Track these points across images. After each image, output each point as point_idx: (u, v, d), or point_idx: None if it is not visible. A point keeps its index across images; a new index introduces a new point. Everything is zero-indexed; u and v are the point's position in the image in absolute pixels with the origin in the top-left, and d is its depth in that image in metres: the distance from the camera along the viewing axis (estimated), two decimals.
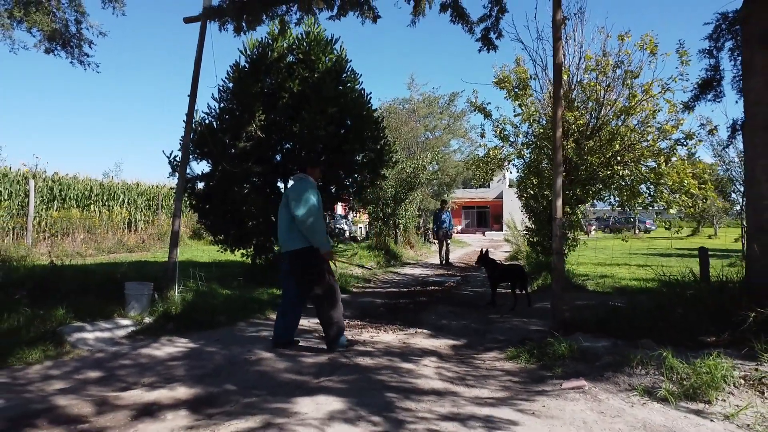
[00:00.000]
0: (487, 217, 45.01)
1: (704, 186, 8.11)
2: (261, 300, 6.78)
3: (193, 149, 8.22)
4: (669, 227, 9.02)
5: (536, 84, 8.77)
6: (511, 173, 18.80)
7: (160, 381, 3.70)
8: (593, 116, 8.21)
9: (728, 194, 22.00)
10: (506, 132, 9.54)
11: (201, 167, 22.72)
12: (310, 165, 4.93)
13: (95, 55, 14.15)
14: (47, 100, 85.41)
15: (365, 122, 8.91)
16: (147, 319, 5.38)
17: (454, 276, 10.93)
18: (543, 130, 8.59)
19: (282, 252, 4.75)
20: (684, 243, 22.89)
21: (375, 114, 9.42)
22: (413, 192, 16.15)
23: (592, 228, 36.77)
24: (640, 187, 8.54)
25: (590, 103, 8.21)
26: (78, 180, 15.49)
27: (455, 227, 39.09)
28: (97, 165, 78.35)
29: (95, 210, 15.20)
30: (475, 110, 9.86)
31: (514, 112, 9.26)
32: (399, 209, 15.94)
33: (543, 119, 8.74)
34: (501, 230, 34.69)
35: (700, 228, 31.32)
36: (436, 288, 9.16)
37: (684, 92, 7.39)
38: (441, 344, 4.98)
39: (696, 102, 6.53)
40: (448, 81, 68.55)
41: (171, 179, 8.86)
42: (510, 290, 7.18)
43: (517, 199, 10.80)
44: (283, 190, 9.16)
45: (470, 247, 23.06)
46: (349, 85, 8.97)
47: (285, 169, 8.98)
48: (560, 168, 5.00)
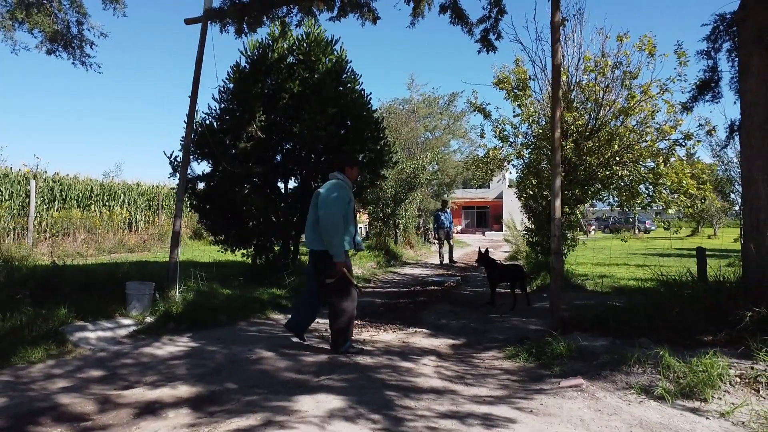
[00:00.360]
0: (487, 218, 45.05)
1: (703, 186, 8.15)
2: (262, 300, 6.81)
3: (194, 150, 8.25)
4: (668, 227, 9.04)
5: (535, 85, 8.81)
6: (511, 173, 18.84)
7: (162, 380, 3.73)
8: (592, 117, 8.24)
9: (727, 194, 22.04)
10: (506, 132, 9.58)
11: (202, 167, 22.77)
12: (349, 164, 4.60)
13: (96, 56, 14.15)
14: (48, 101, 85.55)
15: (365, 123, 8.95)
16: (148, 319, 5.41)
17: (454, 276, 10.96)
18: (542, 131, 8.62)
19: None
20: (683, 243, 22.90)
21: (375, 114, 9.46)
22: (413, 192, 16.18)
23: (592, 228, 36.81)
24: (639, 188, 8.58)
25: (589, 104, 8.24)
26: (78, 180, 15.53)
27: (455, 227, 39.22)
28: (98, 165, 78.43)
29: (96, 210, 15.24)
30: (475, 110, 9.89)
31: (514, 113, 9.30)
32: (399, 209, 15.98)
33: (542, 120, 8.77)
34: (501, 230, 34.73)
35: (700, 228, 31.32)
36: (436, 288, 9.19)
37: (682, 93, 7.42)
38: (440, 343, 5.01)
39: (694, 103, 6.55)
40: (448, 81, 68.62)
41: (171, 179, 8.90)
42: (509, 290, 7.21)
43: (517, 200, 10.83)
44: (283, 190, 9.21)
45: (470, 247, 23.08)
46: (349, 86, 9.01)
47: (285, 170, 9.02)
48: (559, 168, 5.03)
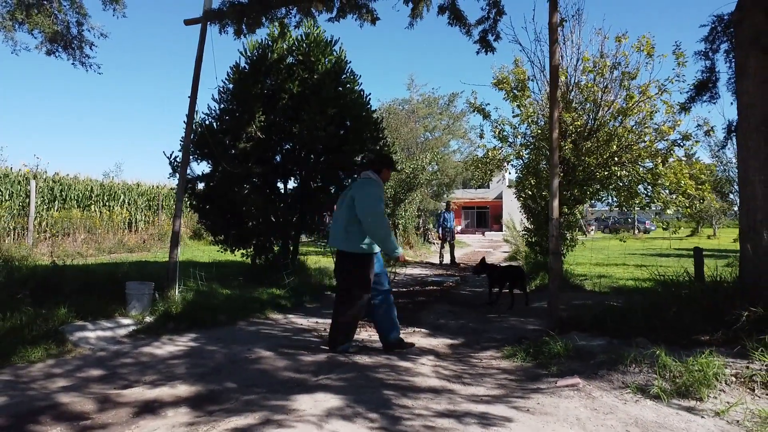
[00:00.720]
0: (487, 218, 45.08)
1: (701, 186, 8.17)
2: (261, 300, 6.83)
3: (194, 150, 8.28)
4: (666, 228, 9.07)
5: (534, 85, 8.83)
6: (510, 174, 18.86)
7: (161, 379, 3.75)
8: (591, 117, 8.27)
9: (726, 195, 22.04)
10: (505, 133, 9.60)
11: (201, 168, 22.78)
12: (388, 165, 4.52)
13: (96, 57, 14.19)
14: (48, 101, 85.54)
15: (364, 123, 8.97)
16: (148, 319, 5.43)
17: (453, 276, 10.99)
18: (541, 131, 8.65)
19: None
20: (683, 243, 22.94)
21: (374, 115, 9.49)
22: (412, 192, 16.22)
23: (592, 228, 36.84)
24: (638, 188, 8.61)
25: (588, 105, 8.27)
26: (78, 180, 15.57)
27: (456, 227, 39.23)
28: (98, 165, 78.50)
29: (96, 210, 15.27)
30: (474, 111, 9.92)
31: (513, 113, 9.32)
32: (398, 210, 16.00)
33: (541, 120, 8.79)
34: (501, 230, 34.75)
35: (700, 228, 31.36)
36: (435, 288, 9.21)
37: (681, 93, 7.46)
38: (438, 343, 5.04)
39: (692, 103, 6.59)
40: (448, 82, 68.65)
41: (171, 180, 8.93)
42: (507, 290, 7.24)
43: (516, 200, 10.86)
44: (283, 190, 9.22)
45: (469, 248, 23.13)
46: (349, 86, 9.04)
47: (285, 170, 9.05)
48: (557, 169, 5.05)
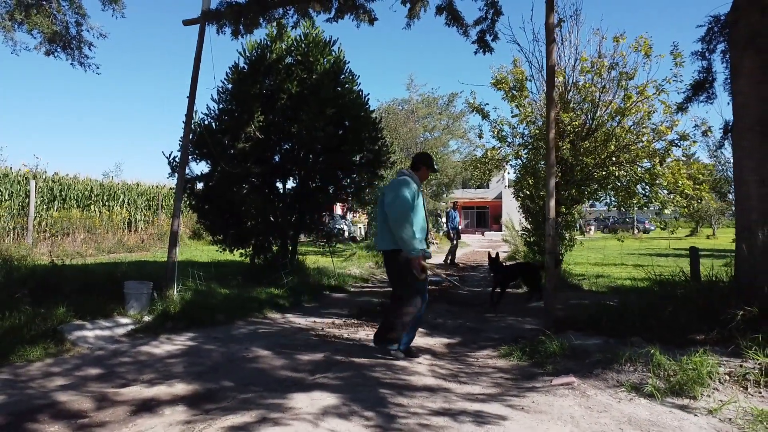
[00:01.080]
0: (487, 218, 45.10)
1: (699, 186, 8.19)
2: (260, 299, 6.85)
3: (193, 150, 8.30)
4: (664, 227, 9.09)
5: (532, 85, 8.86)
6: (509, 174, 18.87)
7: (159, 378, 3.78)
8: (589, 117, 8.29)
9: (725, 194, 22.04)
10: (504, 133, 9.63)
11: (200, 168, 22.80)
12: (426, 164, 4.51)
13: (95, 57, 14.20)
14: (48, 101, 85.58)
15: (363, 123, 9.00)
16: (146, 318, 5.46)
17: (452, 276, 11.01)
18: (539, 131, 8.67)
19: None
20: (682, 243, 22.95)
21: (373, 115, 9.51)
22: None
23: (591, 228, 36.87)
24: (636, 188, 8.63)
25: (586, 105, 8.29)
26: (78, 180, 15.59)
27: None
28: (98, 165, 78.47)
29: (95, 210, 15.30)
30: (473, 111, 9.95)
31: (512, 113, 9.35)
32: None
33: (539, 120, 8.81)
34: (500, 230, 34.74)
35: (699, 228, 31.38)
36: (434, 287, 9.23)
37: (678, 93, 7.52)
38: (435, 342, 5.06)
39: (689, 103, 6.60)
40: (448, 81, 68.69)
41: (171, 179, 8.95)
42: (498, 290, 7.21)
43: (515, 200, 10.89)
44: (281, 190, 9.25)
45: (468, 248, 23.13)
46: (347, 86, 9.06)
47: (284, 170, 9.08)
48: (553, 169, 5.07)
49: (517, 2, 7.78)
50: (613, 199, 9.12)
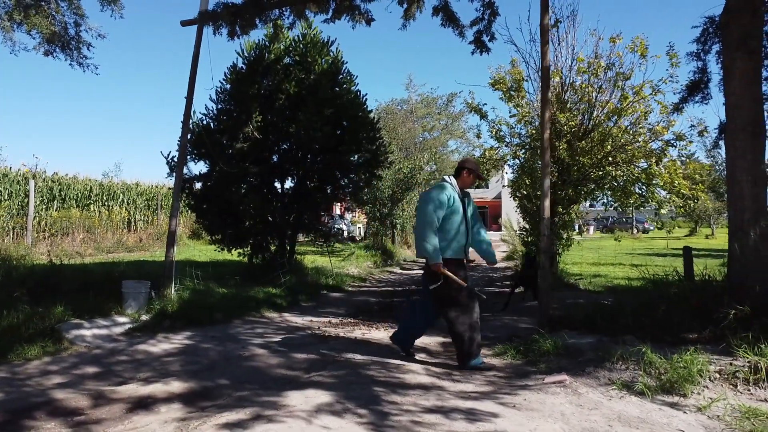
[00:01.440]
0: (486, 218, 45.09)
1: (696, 186, 8.22)
2: (257, 298, 6.89)
3: (191, 150, 8.34)
4: (661, 227, 9.13)
5: (529, 85, 8.90)
6: (507, 174, 18.91)
7: (156, 376, 3.81)
8: (586, 117, 8.32)
9: (722, 194, 22.03)
10: (502, 133, 9.66)
11: (199, 167, 22.80)
12: (468, 169, 4.30)
13: (94, 57, 14.23)
14: (47, 100, 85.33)
15: (361, 123, 9.04)
16: (144, 317, 5.49)
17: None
18: (536, 131, 8.69)
19: None
20: (681, 243, 22.98)
21: (371, 115, 9.55)
22: (410, 192, 16.28)
23: (590, 228, 36.90)
24: (633, 188, 8.66)
25: (582, 105, 8.32)
26: (78, 180, 15.61)
27: None
28: (97, 165, 78.32)
29: (95, 210, 15.32)
30: (472, 111, 9.98)
31: (510, 113, 9.39)
32: (396, 209, 16.06)
33: (536, 120, 8.84)
34: (499, 230, 34.76)
35: (698, 228, 31.40)
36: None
37: (674, 94, 7.48)
38: (430, 341, 5.09)
39: (684, 104, 6.63)
40: (447, 81, 68.64)
41: (170, 179, 8.98)
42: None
43: (513, 200, 10.92)
44: (280, 190, 9.28)
45: None
46: (345, 87, 9.11)
47: (282, 170, 9.12)
48: (548, 169, 5.11)
49: (515, 3, 7.81)
50: (610, 199, 9.15)
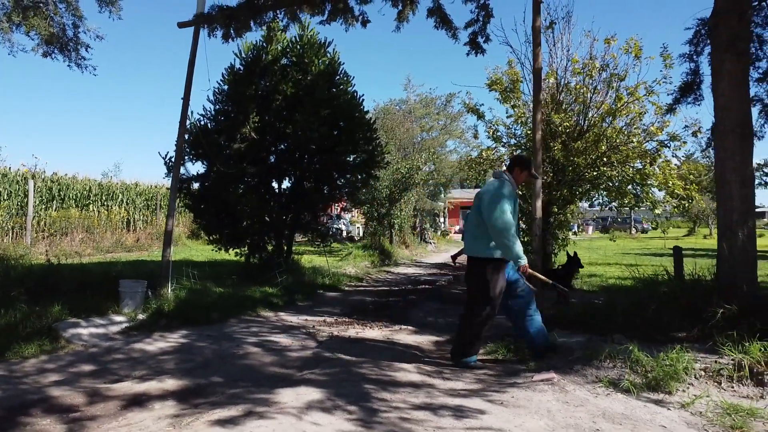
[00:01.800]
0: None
1: (689, 187, 8.28)
2: (254, 298, 6.94)
3: (189, 150, 8.39)
4: (656, 227, 9.18)
5: (525, 86, 8.92)
6: None
7: (151, 374, 3.87)
8: (581, 118, 8.37)
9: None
10: (499, 133, 9.72)
11: (197, 168, 22.85)
12: (520, 166, 4.21)
13: (92, 58, 14.28)
14: (47, 101, 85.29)
15: (357, 124, 9.09)
16: (141, 316, 5.55)
17: (446, 275, 11.10)
18: (530, 132, 8.74)
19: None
20: (679, 243, 23.05)
21: (368, 116, 9.60)
22: (408, 192, 16.32)
23: (590, 228, 36.97)
24: (628, 188, 8.71)
25: (577, 106, 8.37)
26: (77, 180, 15.64)
27: (454, 227, 39.29)
28: (97, 165, 78.46)
29: (94, 210, 15.35)
30: (469, 111, 10.03)
31: (507, 114, 9.44)
32: (394, 209, 16.11)
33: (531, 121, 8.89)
34: None
35: (696, 228, 31.46)
36: (427, 286, 9.33)
37: (668, 95, 7.53)
38: (424, 340, 5.14)
39: (677, 104, 6.68)
40: (445, 81, 68.56)
41: (169, 179, 9.02)
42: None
43: None
44: (277, 190, 9.33)
45: None
46: (342, 88, 9.15)
47: (279, 170, 9.17)
48: (540, 169, 5.16)
49: (511, 5, 7.86)
50: (606, 199, 9.21)
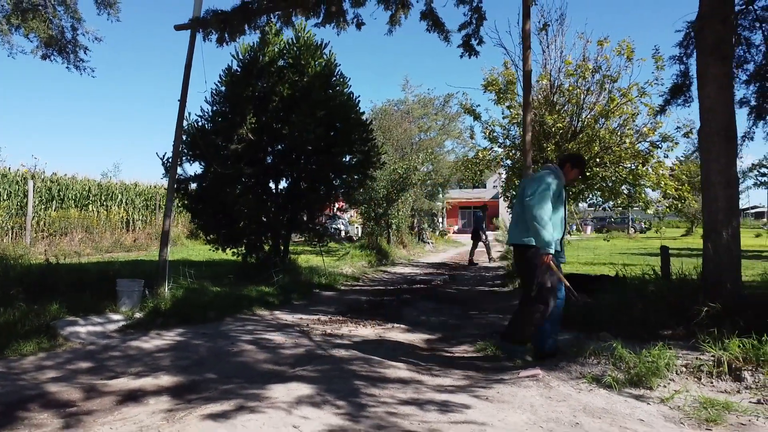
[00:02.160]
0: (484, 218, 45.17)
1: (681, 187, 8.38)
2: (250, 297, 7.03)
3: (187, 151, 8.48)
4: (649, 227, 9.28)
5: (519, 87, 9.02)
6: (504, 174, 19.03)
7: (146, 370, 3.96)
8: (574, 119, 8.46)
9: None
10: (495, 134, 9.82)
11: (194, 168, 22.97)
12: (572, 163, 4.18)
13: (91, 60, 14.35)
14: (46, 101, 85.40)
15: (353, 125, 9.18)
16: (138, 315, 5.64)
17: (442, 275, 11.20)
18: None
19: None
20: (677, 243, 23.10)
21: (363, 117, 9.69)
22: (405, 192, 16.41)
23: (588, 228, 37.06)
24: (621, 188, 8.81)
25: (570, 107, 8.47)
26: (76, 180, 15.74)
27: (453, 227, 39.41)
28: (96, 165, 78.56)
29: (93, 210, 15.46)
30: (465, 112, 10.14)
31: (503, 114, 9.54)
32: (391, 209, 16.20)
33: None
34: (496, 230, 34.86)
35: (694, 228, 31.50)
36: (423, 286, 9.41)
37: (660, 96, 7.64)
38: (415, 338, 5.23)
39: (667, 106, 6.78)
40: (443, 82, 68.80)
41: (166, 180, 9.13)
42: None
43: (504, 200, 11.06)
44: (274, 190, 9.42)
45: (464, 247, 23.25)
46: (338, 89, 9.24)
47: (276, 171, 9.26)
48: (529, 171, 5.25)
49: (505, 7, 7.95)
50: (599, 200, 9.31)
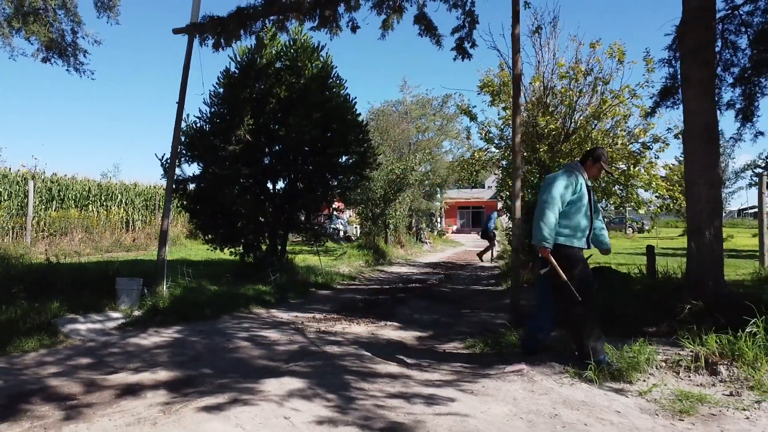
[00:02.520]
0: (482, 217, 45.31)
1: (672, 187, 8.50)
2: (247, 295, 7.15)
3: (185, 152, 8.60)
4: (642, 227, 9.40)
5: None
6: (501, 174, 19.15)
7: (144, 366, 4.08)
8: (566, 120, 8.58)
9: None
10: (491, 134, 9.95)
11: (193, 169, 23.06)
12: (592, 158, 4.06)
13: (90, 62, 14.50)
14: (46, 101, 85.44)
15: (350, 126, 9.30)
16: (136, 313, 5.76)
17: (438, 274, 11.32)
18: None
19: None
20: (674, 243, 23.21)
21: (359, 118, 9.81)
22: (403, 192, 16.53)
23: None
24: (614, 188, 8.93)
25: (563, 108, 8.59)
26: (76, 181, 15.84)
27: (451, 227, 39.51)
28: (96, 166, 78.69)
29: (93, 210, 15.56)
30: (462, 113, 10.27)
31: (499, 115, 9.67)
32: (388, 209, 16.31)
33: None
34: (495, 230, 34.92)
35: None
36: (418, 285, 9.54)
37: (651, 98, 7.76)
38: (407, 335, 5.36)
39: (657, 108, 6.90)
40: (439, 83, 68.89)
41: (165, 180, 9.25)
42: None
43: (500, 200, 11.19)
44: (271, 191, 9.54)
45: (462, 247, 23.44)
46: (335, 91, 9.37)
47: (273, 171, 9.38)
48: (519, 171, 5.38)
49: (499, 10, 8.07)
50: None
